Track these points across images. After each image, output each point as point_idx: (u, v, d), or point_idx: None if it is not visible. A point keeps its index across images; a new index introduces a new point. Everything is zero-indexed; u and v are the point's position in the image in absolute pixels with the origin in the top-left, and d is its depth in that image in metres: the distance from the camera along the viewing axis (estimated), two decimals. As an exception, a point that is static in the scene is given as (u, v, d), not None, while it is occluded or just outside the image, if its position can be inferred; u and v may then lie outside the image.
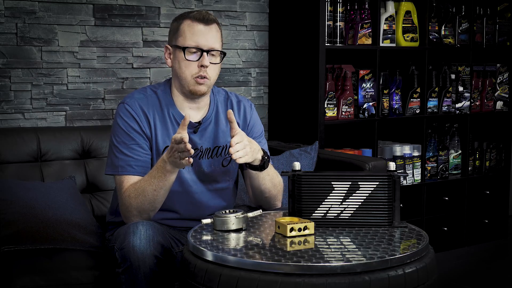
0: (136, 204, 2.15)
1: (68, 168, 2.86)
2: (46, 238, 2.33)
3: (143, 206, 2.15)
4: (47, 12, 3.13)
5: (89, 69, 3.26)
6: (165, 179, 2.11)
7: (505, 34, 4.29)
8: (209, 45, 2.23)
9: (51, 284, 2.17)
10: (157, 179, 2.12)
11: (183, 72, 2.24)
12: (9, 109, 3.08)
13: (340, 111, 3.61)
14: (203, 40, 2.22)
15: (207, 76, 2.23)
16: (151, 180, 2.13)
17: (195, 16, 2.24)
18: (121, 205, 2.21)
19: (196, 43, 2.22)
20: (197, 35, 2.22)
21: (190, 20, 2.24)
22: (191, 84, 2.24)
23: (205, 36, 2.22)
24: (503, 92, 4.33)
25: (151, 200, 2.14)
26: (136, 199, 2.14)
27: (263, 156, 2.23)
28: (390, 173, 2.04)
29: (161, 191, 2.13)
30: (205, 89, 2.26)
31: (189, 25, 2.23)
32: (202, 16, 2.24)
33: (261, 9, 3.74)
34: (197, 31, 2.22)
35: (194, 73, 2.23)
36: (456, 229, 4.14)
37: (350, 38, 3.67)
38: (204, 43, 2.22)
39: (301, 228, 1.93)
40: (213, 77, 2.27)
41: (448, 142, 4.13)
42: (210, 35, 2.23)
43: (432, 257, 1.88)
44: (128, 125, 2.24)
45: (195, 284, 1.79)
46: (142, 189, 2.14)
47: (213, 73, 2.27)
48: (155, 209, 2.18)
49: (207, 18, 2.24)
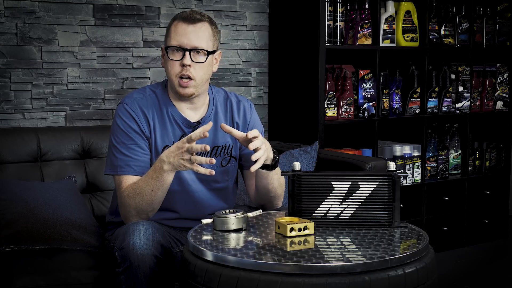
0: (135, 204, 2.15)
1: (68, 168, 2.86)
2: (46, 238, 2.33)
3: (141, 207, 2.15)
4: (47, 12, 3.13)
5: (89, 69, 3.26)
6: (162, 179, 2.10)
7: (505, 34, 4.29)
8: (191, 44, 2.21)
9: (51, 284, 2.17)
10: (154, 179, 2.11)
11: (168, 72, 2.25)
12: (9, 109, 3.08)
13: (340, 111, 3.61)
14: (186, 39, 2.20)
15: (190, 76, 2.21)
16: (149, 180, 2.12)
17: (181, 16, 2.24)
18: (120, 205, 2.21)
19: (178, 42, 2.21)
20: (180, 34, 2.21)
21: (177, 20, 2.24)
22: (176, 85, 2.23)
23: (188, 36, 2.21)
24: (503, 92, 4.33)
25: (149, 200, 2.14)
26: (134, 199, 2.14)
27: (274, 155, 2.23)
28: (390, 173, 2.04)
29: (158, 191, 2.13)
30: (191, 91, 2.24)
31: (175, 25, 2.23)
32: (187, 15, 2.23)
33: (261, 9, 3.74)
34: (180, 31, 2.21)
35: (178, 72, 2.22)
36: (456, 229, 4.14)
37: (350, 38, 3.67)
38: (186, 42, 2.20)
39: (301, 228, 1.93)
40: (198, 77, 2.23)
41: (448, 142, 4.13)
42: (193, 34, 2.21)
43: (432, 257, 1.88)
44: (127, 125, 2.24)
45: (195, 284, 1.79)
46: (140, 189, 2.14)
47: (199, 73, 2.23)
48: (153, 209, 2.18)
49: (192, 17, 2.22)
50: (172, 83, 2.25)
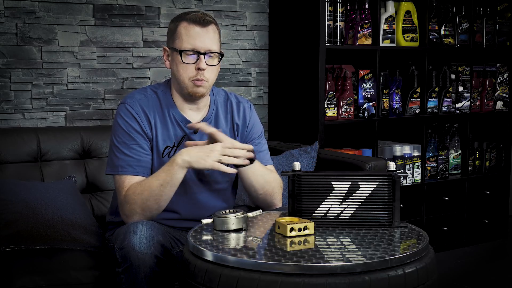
0: (141, 200, 2.14)
1: (68, 168, 2.86)
2: (46, 238, 2.33)
3: (148, 203, 2.14)
4: (47, 12, 3.13)
5: (89, 69, 3.26)
6: (172, 172, 2.11)
7: (505, 34, 4.29)
8: (206, 47, 2.22)
9: (51, 284, 2.17)
10: (164, 172, 2.13)
11: (180, 75, 2.25)
12: (9, 109, 3.08)
13: (340, 111, 3.61)
14: (200, 42, 2.22)
15: (204, 79, 2.23)
16: (159, 174, 2.14)
17: (191, 18, 2.23)
18: (122, 205, 2.20)
19: (192, 46, 2.22)
20: (194, 37, 2.22)
21: (187, 22, 2.23)
22: (189, 87, 2.25)
23: (202, 38, 2.22)
24: (503, 92, 4.33)
25: (157, 196, 2.13)
26: (141, 195, 2.14)
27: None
28: (390, 173, 2.03)
29: (167, 186, 2.13)
30: (203, 91, 2.26)
31: (185, 28, 2.23)
32: (199, 18, 2.23)
33: (261, 9, 3.74)
34: (193, 34, 2.22)
35: (192, 76, 2.23)
36: (456, 229, 4.14)
37: (350, 38, 3.67)
38: (200, 45, 2.22)
39: (301, 228, 1.93)
40: (211, 78, 2.26)
41: (448, 142, 4.13)
42: (206, 37, 2.23)
43: (432, 257, 1.88)
44: (129, 125, 2.24)
45: (195, 284, 1.79)
46: (149, 184, 2.14)
47: (211, 75, 2.26)
48: (159, 207, 2.17)
49: (204, 20, 2.23)
50: (183, 84, 2.25)
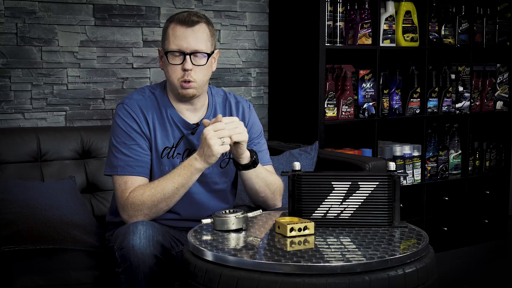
0: (152, 202, 2.14)
1: (68, 168, 2.86)
2: (46, 238, 2.33)
3: (160, 205, 2.15)
4: (47, 12, 3.13)
5: (89, 69, 3.26)
6: (191, 177, 2.13)
7: (505, 34, 4.29)
8: (191, 48, 2.21)
9: (51, 284, 2.17)
10: (182, 176, 2.13)
11: (170, 76, 2.25)
12: (9, 109, 3.08)
13: (340, 111, 3.61)
14: (185, 43, 2.20)
15: (191, 80, 2.22)
16: (174, 178, 2.14)
17: (178, 18, 2.22)
18: (124, 206, 2.18)
19: (178, 46, 2.20)
20: (179, 38, 2.20)
21: (174, 23, 2.22)
22: (178, 88, 2.24)
23: (187, 39, 2.20)
24: (503, 92, 4.33)
25: (170, 198, 2.14)
26: (152, 197, 2.14)
27: (252, 154, 2.24)
28: (390, 173, 2.03)
29: (181, 189, 2.14)
30: (193, 92, 2.25)
31: (173, 29, 2.22)
32: (184, 18, 2.21)
33: (261, 9, 3.74)
34: (179, 35, 2.21)
35: (179, 77, 2.22)
36: (456, 229, 4.14)
37: (350, 38, 3.67)
38: (186, 45, 2.20)
39: (301, 228, 1.93)
40: (199, 79, 2.23)
41: (448, 142, 4.13)
42: (192, 37, 2.21)
43: (432, 257, 1.88)
44: (128, 125, 2.24)
45: (195, 284, 1.79)
46: (162, 187, 2.14)
47: (199, 75, 2.23)
48: (167, 208, 2.18)
49: (189, 20, 2.21)
50: (173, 86, 2.25)
